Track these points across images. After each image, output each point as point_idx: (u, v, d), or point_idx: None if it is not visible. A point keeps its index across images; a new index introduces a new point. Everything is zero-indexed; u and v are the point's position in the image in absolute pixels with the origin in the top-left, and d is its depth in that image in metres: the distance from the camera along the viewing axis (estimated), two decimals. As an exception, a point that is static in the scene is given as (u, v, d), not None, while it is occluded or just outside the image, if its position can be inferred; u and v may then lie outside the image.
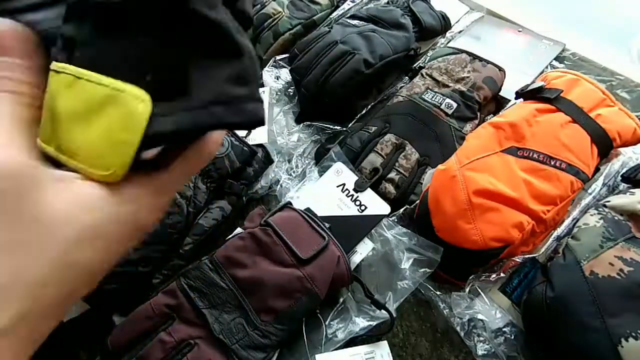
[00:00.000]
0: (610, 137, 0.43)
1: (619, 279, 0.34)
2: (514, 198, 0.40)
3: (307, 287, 0.39)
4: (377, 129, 0.53)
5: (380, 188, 0.49)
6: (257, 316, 0.39)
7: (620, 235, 0.36)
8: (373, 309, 0.42)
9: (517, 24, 0.67)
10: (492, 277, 0.42)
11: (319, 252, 0.41)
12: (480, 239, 0.39)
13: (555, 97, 0.45)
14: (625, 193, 0.41)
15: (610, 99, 0.45)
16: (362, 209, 0.48)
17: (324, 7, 0.71)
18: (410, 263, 0.43)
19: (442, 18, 0.66)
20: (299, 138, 0.58)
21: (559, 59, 0.62)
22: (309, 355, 0.41)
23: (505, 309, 0.41)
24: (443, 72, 0.55)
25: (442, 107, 0.52)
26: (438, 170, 0.44)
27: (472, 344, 0.40)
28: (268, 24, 0.67)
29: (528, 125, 0.44)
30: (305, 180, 0.53)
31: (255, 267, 0.41)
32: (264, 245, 0.42)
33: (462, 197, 0.40)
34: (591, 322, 0.33)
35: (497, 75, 0.54)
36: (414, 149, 0.51)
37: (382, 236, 0.46)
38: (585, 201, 0.45)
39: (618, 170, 0.46)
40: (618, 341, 0.32)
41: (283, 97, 0.63)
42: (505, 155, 0.43)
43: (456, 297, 0.42)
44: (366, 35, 0.58)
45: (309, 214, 0.44)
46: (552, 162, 0.41)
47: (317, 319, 0.43)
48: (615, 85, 0.57)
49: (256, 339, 0.38)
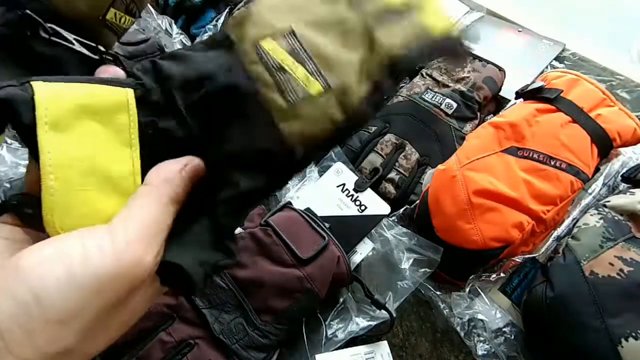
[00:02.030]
0: (610, 137, 0.43)
1: (619, 279, 0.34)
2: (514, 198, 0.40)
3: (307, 287, 0.39)
4: (377, 129, 0.53)
5: (380, 188, 0.49)
6: (257, 316, 0.39)
7: (620, 235, 0.36)
8: (373, 309, 0.42)
9: (517, 24, 0.67)
10: (492, 277, 0.42)
11: (319, 252, 0.41)
12: (480, 239, 0.39)
13: (555, 97, 0.45)
14: (625, 193, 0.41)
15: (610, 99, 0.45)
16: (362, 209, 0.48)
17: (324, 7, 0.71)
18: (410, 263, 0.43)
19: (442, 18, 0.66)
20: (299, 138, 0.58)
21: (559, 59, 0.62)
22: (309, 355, 0.41)
23: (505, 309, 0.41)
24: (443, 72, 0.55)
25: (442, 107, 0.52)
26: (438, 170, 0.44)
27: (472, 344, 0.40)
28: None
29: (528, 125, 0.44)
30: (305, 180, 0.53)
31: (255, 267, 0.41)
32: (264, 245, 0.42)
33: (462, 197, 0.40)
34: (591, 322, 0.33)
35: (497, 75, 0.54)
36: (414, 149, 0.51)
37: (382, 236, 0.46)
38: (585, 201, 0.45)
39: (618, 170, 0.46)
40: (618, 341, 0.32)
41: (283, 97, 0.63)
42: (505, 155, 0.43)
43: (456, 297, 0.42)
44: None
45: (309, 214, 0.44)
46: (552, 162, 0.41)
47: (317, 319, 0.43)
48: (615, 85, 0.57)
49: (256, 339, 0.38)
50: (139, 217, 0.18)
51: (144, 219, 0.18)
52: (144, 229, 0.18)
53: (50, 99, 0.18)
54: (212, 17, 0.76)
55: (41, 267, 0.16)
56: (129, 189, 0.20)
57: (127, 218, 0.18)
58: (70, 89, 0.19)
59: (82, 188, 0.18)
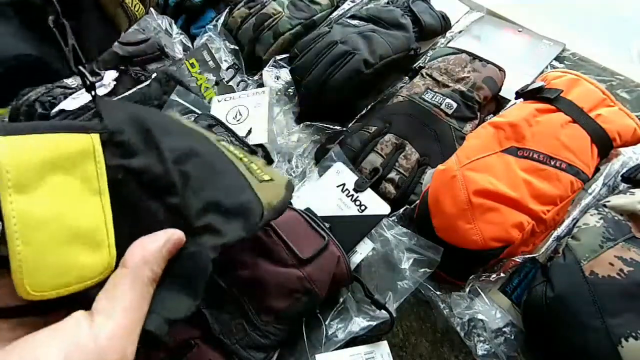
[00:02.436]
0: (610, 137, 0.43)
1: (619, 279, 0.34)
2: (514, 198, 0.40)
3: (307, 287, 0.39)
4: (377, 129, 0.53)
5: (380, 188, 0.49)
6: (257, 316, 0.39)
7: (620, 235, 0.36)
8: (373, 309, 0.42)
9: (517, 24, 0.67)
10: (492, 277, 0.42)
11: (319, 252, 0.41)
12: (480, 239, 0.39)
13: (555, 97, 0.45)
14: (625, 193, 0.41)
15: (610, 99, 0.45)
16: (362, 209, 0.48)
17: (324, 7, 0.71)
18: (410, 263, 0.43)
19: (442, 18, 0.66)
20: (299, 138, 0.58)
21: (559, 59, 0.62)
22: (309, 355, 0.41)
23: (505, 309, 0.41)
24: (443, 72, 0.55)
25: (442, 107, 0.52)
26: (438, 170, 0.44)
27: (472, 344, 0.40)
28: (268, 24, 0.67)
29: (528, 125, 0.44)
30: (305, 180, 0.53)
31: (255, 267, 0.41)
32: (264, 245, 0.41)
33: (462, 197, 0.40)
34: (591, 322, 0.33)
35: (497, 75, 0.54)
36: (414, 149, 0.51)
37: (382, 236, 0.46)
38: (585, 201, 0.45)
39: (618, 170, 0.46)
40: (618, 341, 0.32)
41: (283, 97, 0.63)
42: (505, 155, 0.43)
43: (456, 297, 0.42)
44: (366, 35, 0.58)
45: (309, 214, 0.44)
46: (552, 162, 0.41)
47: (317, 319, 0.43)
48: (615, 85, 0.57)
49: (256, 339, 0.38)
50: (121, 308, 0.18)
51: (126, 309, 0.18)
52: (126, 320, 0.18)
53: (13, 158, 0.17)
54: (212, 17, 0.76)
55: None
56: (102, 240, 0.19)
57: (109, 311, 0.17)
58: (32, 143, 0.18)
59: (52, 248, 0.18)
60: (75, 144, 0.19)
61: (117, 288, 0.19)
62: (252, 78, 0.68)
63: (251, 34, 0.67)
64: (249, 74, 0.69)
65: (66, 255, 0.18)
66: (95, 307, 0.18)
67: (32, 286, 0.17)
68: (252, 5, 0.69)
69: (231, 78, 0.68)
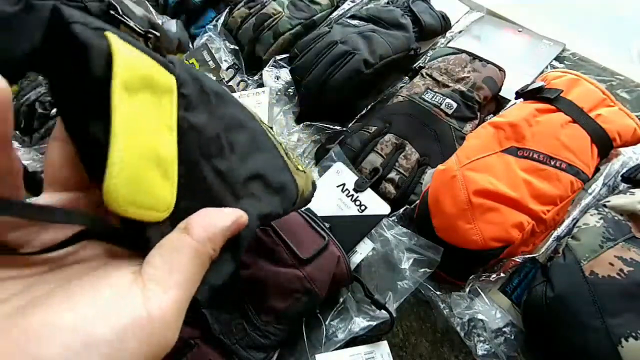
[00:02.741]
0: (610, 137, 0.43)
1: (619, 279, 0.34)
2: (514, 198, 0.40)
3: (307, 287, 0.39)
4: (377, 129, 0.53)
5: (380, 188, 0.49)
6: (257, 316, 0.39)
7: (620, 235, 0.36)
8: (373, 309, 0.42)
9: (517, 24, 0.67)
10: (492, 277, 0.42)
11: (319, 252, 0.41)
12: (480, 239, 0.39)
13: (555, 97, 0.45)
14: (625, 193, 0.41)
15: (610, 99, 0.45)
16: (362, 209, 0.48)
17: (324, 7, 0.71)
18: (410, 263, 0.43)
19: (442, 18, 0.66)
20: (299, 138, 0.58)
21: (559, 59, 0.62)
22: (309, 355, 0.41)
23: (505, 309, 0.41)
24: (443, 72, 0.55)
25: (442, 107, 0.52)
26: (438, 170, 0.44)
27: (472, 344, 0.40)
28: (268, 24, 0.67)
29: (528, 125, 0.44)
30: (305, 180, 0.53)
31: (255, 267, 0.41)
32: (264, 245, 0.42)
33: (462, 197, 0.40)
34: (591, 322, 0.33)
35: (497, 75, 0.54)
36: (414, 149, 0.51)
37: (382, 236, 0.46)
38: (585, 201, 0.45)
39: (618, 170, 0.46)
40: (618, 341, 0.32)
41: (283, 97, 0.63)
42: (505, 155, 0.43)
43: (456, 297, 0.42)
44: (366, 35, 0.58)
45: (309, 214, 0.44)
46: (552, 162, 0.41)
47: (317, 319, 0.43)
48: (615, 85, 0.57)
49: (256, 339, 0.38)
50: (178, 281, 0.16)
51: (181, 284, 0.16)
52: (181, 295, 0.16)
53: (125, 59, 0.16)
54: (212, 17, 0.76)
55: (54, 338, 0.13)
56: (172, 176, 0.18)
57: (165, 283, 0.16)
58: (137, 54, 0.17)
59: (142, 160, 0.16)
60: (164, 76, 0.18)
61: (176, 256, 0.17)
62: (252, 78, 0.68)
63: (251, 34, 0.67)
64: (249, 74, 0.69)
65: (148, 173, 0.17)
66: (147, 271, 0.16)
67: (123, 196, 0.15)
68: (252, 5, 0.69)
69: (231, 78, 0.68)
